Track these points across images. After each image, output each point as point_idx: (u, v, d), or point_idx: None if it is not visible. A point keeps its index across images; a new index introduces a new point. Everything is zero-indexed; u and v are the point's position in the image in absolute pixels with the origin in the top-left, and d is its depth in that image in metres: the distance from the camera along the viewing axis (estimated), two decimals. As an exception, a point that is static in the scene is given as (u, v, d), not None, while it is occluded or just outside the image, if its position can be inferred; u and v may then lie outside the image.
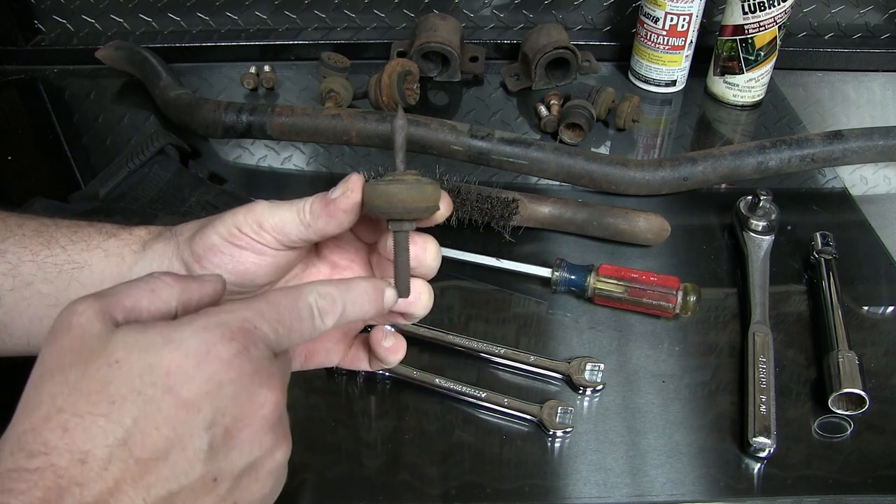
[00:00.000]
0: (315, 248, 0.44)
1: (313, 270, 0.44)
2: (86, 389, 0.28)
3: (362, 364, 0.46)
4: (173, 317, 0.33)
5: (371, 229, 0.43)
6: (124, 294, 0.32)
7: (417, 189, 0.37)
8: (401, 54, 0.96)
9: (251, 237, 0.39)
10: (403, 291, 0.40)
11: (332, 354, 0.45)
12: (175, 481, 0.29)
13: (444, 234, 0.42)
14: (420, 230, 0.40)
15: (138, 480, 0.28)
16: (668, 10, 0.88)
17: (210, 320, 0.31)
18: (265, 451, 0.32)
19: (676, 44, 0.91)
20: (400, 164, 0.39)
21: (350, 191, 0.38)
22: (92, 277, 0.41)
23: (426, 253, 0.41)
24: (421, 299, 0.42)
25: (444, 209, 0.40)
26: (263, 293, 0.37)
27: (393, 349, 0.43)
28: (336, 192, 0.38)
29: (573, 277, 0.64)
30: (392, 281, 0.40)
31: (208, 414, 0.30)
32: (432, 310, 0.43)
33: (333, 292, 0.36)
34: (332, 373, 0.57)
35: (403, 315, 0.43)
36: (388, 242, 0.40)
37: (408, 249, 0.39)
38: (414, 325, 0.60)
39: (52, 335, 0.30)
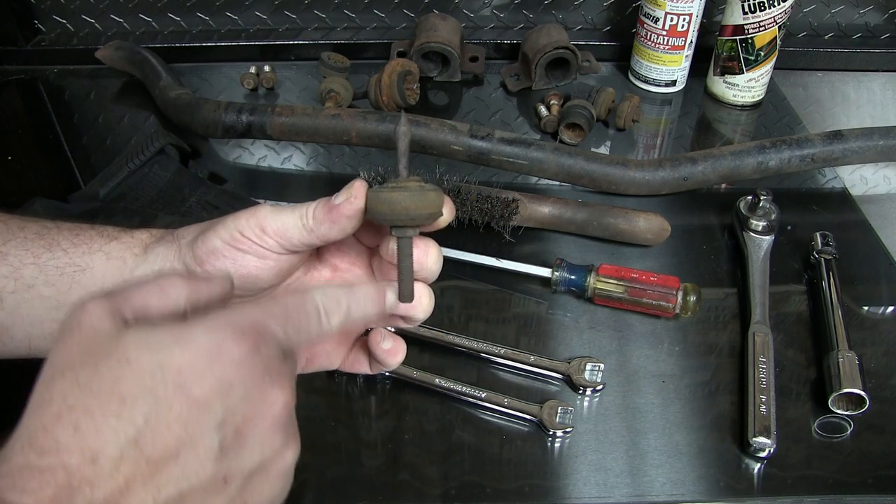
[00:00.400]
0: (317, 252, 0.44)
1: (315, 274, 0.45)
2: (97, 388, 0.28)
3: (362, 367, 0.46)
4: (183, 316, 0.33)
5: (373, 233, 0.43)
6: (134, 293, 0.32)
7: (420, 196, 0.37)
8: (401, 54, 0.96)
9: (253, 241, 0.39)
10: (407, 296, 0.40)
11: (333, 357, 0.45)
12: (185, 481, 0.29)
13: (444, 234, 0.42)
14: (422, 234, 0.40)
15: (149, 480, 0.28)
16: (668, 10, 0.88)
17: (220, 320, 0.31)
18: (275, 451, 0.32)
19: (676, 44, 0.91)
20: (403, 169, 0.39)
21: (354, 197, 0.38)
22: (93, 280, 0.41)
23: (428, 257, 0.41)
24: (421, 303, 0.42)
25: (447, 215, 0.40)
26: (272, 295, 0.37)
27: (392, 351, 0.44)
28: (340, 198, 0.38)
29: (573, 277, 0.64)
30: (394, 284, 0.40)
31: (219, 413, 0.29)
32: (432, 310, 0.43)
33: (339, 293, 0.36)
34: (332, 373, 0.57)
35: (404, 318, 0.43)
36: (391, 247, 0.40)
37: (411, 255, 0.39)
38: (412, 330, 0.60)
39: (62, 333, 0.30)
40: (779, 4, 0.84)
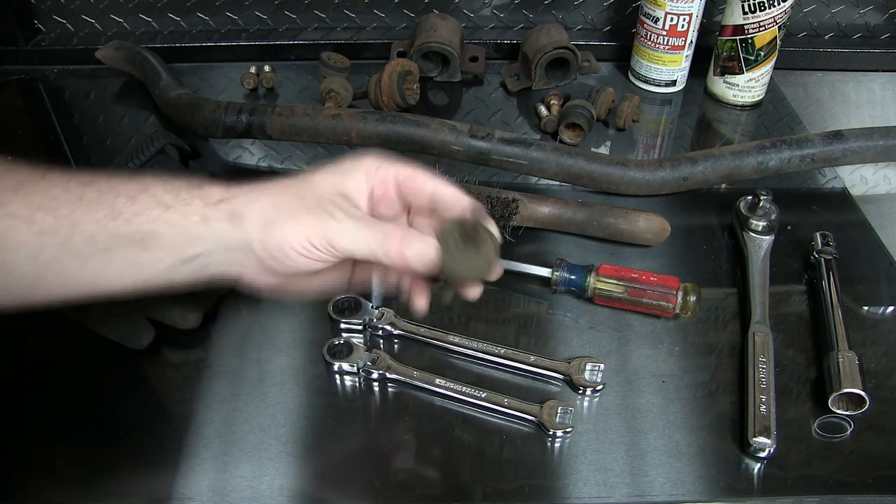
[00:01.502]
0: None
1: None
2: None
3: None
4: None
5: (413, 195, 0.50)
6: None
7: (486, 261, 0.45)
8: (401, 54, 0.96)
9: (321, 252, 0.43)
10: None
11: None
12: None
13: (444, 234, 0.43)
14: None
15: None
16: (668, 10, 0.88)
17: None
18: None
19: (676, 44, 0.91)
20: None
21: (427, 265, 0.44)
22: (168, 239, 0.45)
23: None
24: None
25: (494, 276, 0.48)
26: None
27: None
28: (416, 260, 0.44)
29: (573, 277, 0.64)
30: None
31: None
32: (432, 310, 0.44)
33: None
34: (331, 372, 0.57)
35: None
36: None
37: None
38: (414, 324, 0.60)
39: None
40: (779, 4, 0.84)
